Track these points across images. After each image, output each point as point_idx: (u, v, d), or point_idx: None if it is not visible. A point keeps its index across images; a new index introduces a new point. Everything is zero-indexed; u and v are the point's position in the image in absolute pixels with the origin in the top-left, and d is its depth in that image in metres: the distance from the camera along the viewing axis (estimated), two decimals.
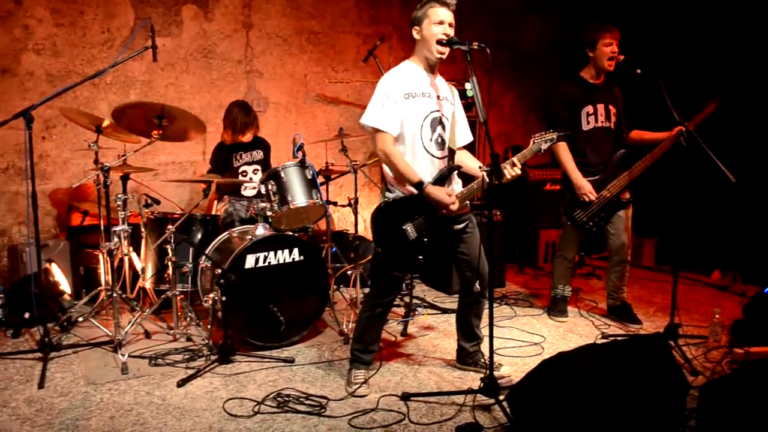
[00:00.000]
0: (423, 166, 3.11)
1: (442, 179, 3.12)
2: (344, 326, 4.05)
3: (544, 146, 3.16)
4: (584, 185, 4.05)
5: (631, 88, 4.23)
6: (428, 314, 4.55)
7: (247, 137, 4.70)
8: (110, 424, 2.93)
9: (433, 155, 3.14)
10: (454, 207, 3.05)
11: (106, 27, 5.05)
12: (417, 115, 3.09)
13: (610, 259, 4.35)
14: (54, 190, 4.99)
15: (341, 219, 5.71)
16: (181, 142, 4.99)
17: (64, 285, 4.52)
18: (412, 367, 3.61)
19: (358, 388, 3.24)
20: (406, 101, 3.06)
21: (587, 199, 4.05)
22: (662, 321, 4.30)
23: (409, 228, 3.08)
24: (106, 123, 3.96)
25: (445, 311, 4.60)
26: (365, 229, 5.50)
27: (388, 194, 3.17)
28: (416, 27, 3.09)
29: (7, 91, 4.76)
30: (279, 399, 3.14)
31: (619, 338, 4.02)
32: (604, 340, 3.99)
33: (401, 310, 4.41)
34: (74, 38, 4.96)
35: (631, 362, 2.75)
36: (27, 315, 4.11)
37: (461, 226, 3.22)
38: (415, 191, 3.06)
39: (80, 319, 4.22)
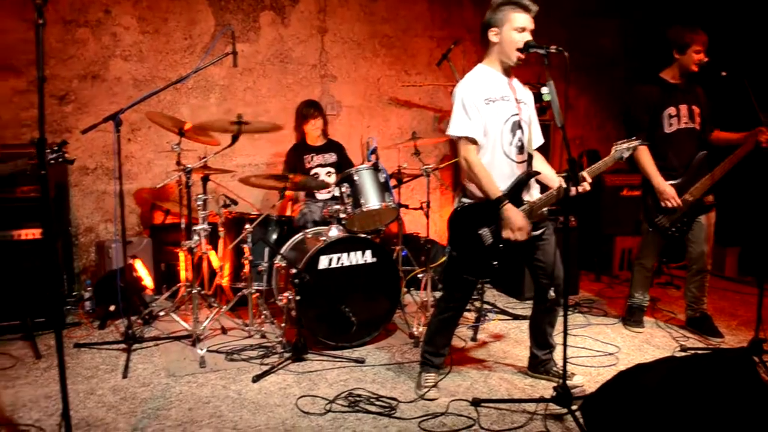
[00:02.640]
0: (503, 171, 3.08)
1: (520, 185, 3.08)
2: (414, 329, 4.07)
3: (626, 154, 3.09)
4: (667, 190, 3.92)
5: (709, 88, 4.10)
6: (499, 320, 4.51)
7: (309, 131, 4.79)
8: (189, 415, 3.05)
9: (512, 160, 3.10)
10: (522, 237, 3.00)
11: (188, 34, 5.25)
12: (497, 120, 3.06)
13: (689, 269, 4.20)
14: (138, 189, 5.22)
15: (412, 222, 5.72)
16: (258, 145, 5.14)
17: (147, 280, 4.72)
18: (482, 372, 3.59)
19: (428, 391, 3.25)
20: (486, 107, 3.03)
21: (670, 205, 3.92)
22: (745, 335, 4.12)
23: (485, 233, 3.06)
24: (188, 126, 4.11)
25: (516, 317, 4.55)
26: (436, 233, 5.51)
27: (464, 199, 3.16)
28: (494, 29, 3.02)
29: (96, 96, 5.02)
30: (350, 398, 3.19)
31: (699, 352, 3.88)
32: (683, 354, 3.84)
33: (472, 315, 4.39)
34: (158, 45, 5.18)
35: (712, 378, 2.64)
36: (112, 308, 4.31)
37: (538, 232, 3.16)
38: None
39: (161, 313, 4.41)
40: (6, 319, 4.05)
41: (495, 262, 3.08)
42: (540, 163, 3.25)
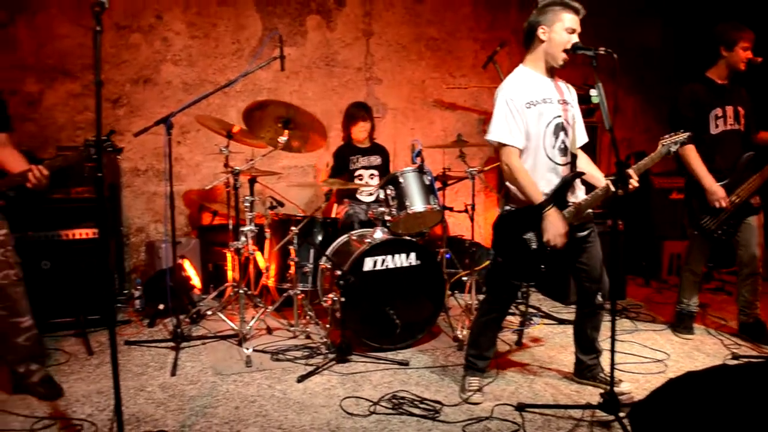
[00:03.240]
0: (546, 175, 3.05)
1: (565, 186, 3.04)
2: (458, 332, 4.05)
3: (674, 148, 3.03)
4: (717, 191, 3.82)
5: (753, 88, 3.99)
6: (544, 324, 4.46)
7: (361, 132, 4.82)
8: (235, 413, 3.10)
9: (556, 163, 3.06)
10: (560, 244, 2.96)
11: (236, 38, 5.34)
12: (540, 124, 3.02)
13: (739, 273, 4.08)
14: (187, 191, 5.33)
15: (456, 224, 5.71)
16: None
17: (195, 280, 4.82)
18: (527, 377, 3.56)
19: (473, 395, 3.23)
20: (528, 110, 3.00)
21: (719, 206, 3.82)
22: None
23: (530, 237, 3.03)
24: (236, 129, 4.18)
25: (561, 322, 4.49)
26: (480, 235, 5.48)
27: (508, 205, 3.13)
28: (543, 27, 2.97)
29: (148, 99, 5.15)
30: (394, 401, 3.20)
31: (752, 360, 3.76)
32: (736, 362, 3.74)
33: (516, 319, 4.35)
34: (207, 49, 5.28)
35: (766, 388, 2.57)
36: (161, 306, 4.41)
37: (584, 233, 3.13)
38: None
39: (208, 312, 4.50)
40: (60, 315, 4.16)
41: (542, 266, 3.04)
42: (585, 163, 3.19)
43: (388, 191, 3.98)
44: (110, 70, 5.00)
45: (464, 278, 4.47)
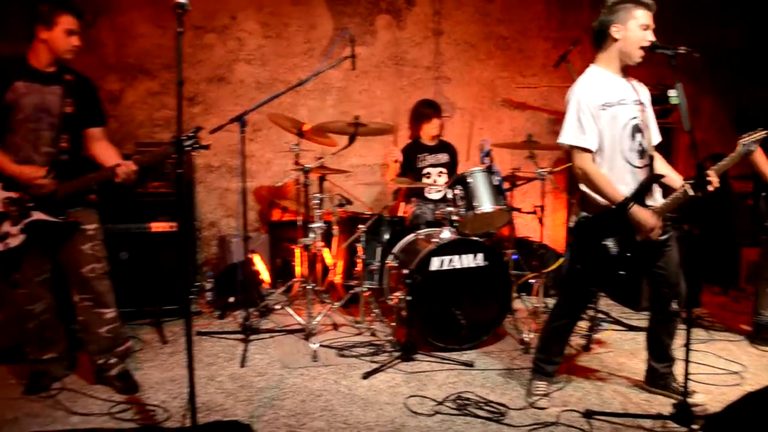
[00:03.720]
0: (623, 178, 2.96)
1: (644, 189, 2.95)
2: (525, 335, 4.00)
3: (753, 147, 2.91)
4: None
5: None
6: (613, 330, 4.35)
7: (427, 131, 4.82)
8: (302, 407, 3.15)
9: (633, 165, 2.98)
10: (656, 233, 2.89)
11: (308, 38, 5.43)
12: (616, 126, 2.94)
13: None
14: (257, 187, 5.46)
15: (523, 225, 5.63)
16: (371, 146, 5.24)
17: (264, 274, 4.93)
18: (595, 384, 3.48)
19: (539, 399, 3.19)
20: (603, 112, 2.92)
21: None
22: None
23: (610, 243, 2.93)
24: (306, 127, 4.25)
25: (631, 328, 4.37)
26: (548, 237, 5.40)
27: (584, 212, 3.05)
28: (617, 25, 2.89)
29: (222, 98, 5.30)
30: (459, 401, 3.18)
31: None
32: None
33: (585, 324, 4.26)
34: (279, 48, 5.39)
35: None
36: (232, 299, 4.54)
37: (664, 237, 3.04)
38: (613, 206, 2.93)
39: (276, 306, 4.59)
40: (136, 305, 4.31)
41: (622, 272, 2.96)
42: (661, 165, 3.10)
43: (456, 191, 3.97)
44: (187, 69, 5.16)
45: (531, 280, 4.42)
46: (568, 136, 2.96)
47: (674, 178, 3.04)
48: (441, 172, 4.85)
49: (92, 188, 3.23)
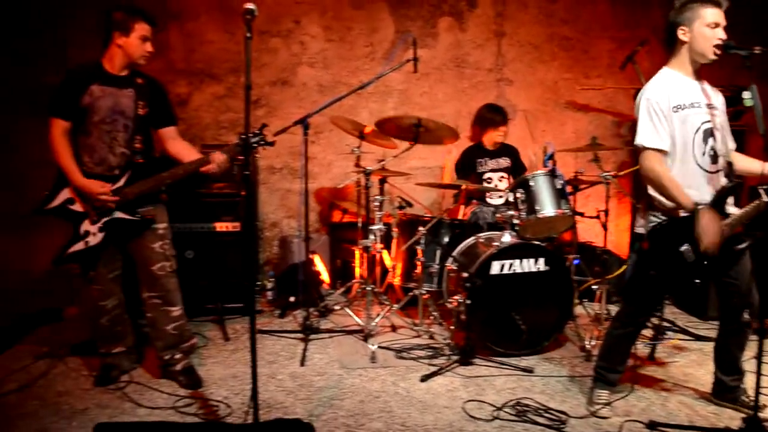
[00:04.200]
0: (695, 183, 2.87)
1: (725, 195, 2.85)
2: (587, 342, 3.92)
3: None
4: None
5: None
6: (679, 339, 4.22)
7: (491, 137, 4.78)
8: (360, 407, 3.17)
9: (705, 170, 2.89)
10: (712, 249, 2.76)
11: (370, 41, 5.46)
12: (687, 129, 2.86)
13: None
14: (318, 189, 5.53)
15: (585, 230, 5.52)
16: (431, 148, 5.21)
17: (324, 275, 4.99)
18: (659, 394, 3.38)
19: (601, 408, 3.12)
20: (675, 114, 2.85)
21: None
22: None
23: (686, 250, 2.83)
24: (368, 129, 4.28)
25: (698, 338, 4.22)
26: (611, 242, 5.26)
27: (655, 216, 2.96)
28: (683, 27, 2.84)
29: (285, 100, 5.39)
30: (518, 408, 3.15)
31: None
32: None
33: (649, 332, 4.14)
34: (342, 52, 5.44)
35: None
36: (292, 299, 4.61)
37: (743, 246, 2.92)
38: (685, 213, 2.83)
39: (336, 307, 4.64)
40: (200, 302, 4.44)
41: (698, 280, 2.87)
42: (744, 162, 3.03)
43: (518, 194, 3.93)
44: (251, 72, 5.21)
45: (594, 286, 4.33)
46: (643, 137, 2.89)
47: (757, 169, 2.96)
48: (502, 177, 4.81)
49: (171, 184, 3.33)
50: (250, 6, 2.58)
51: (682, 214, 2.84)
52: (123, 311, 3.48)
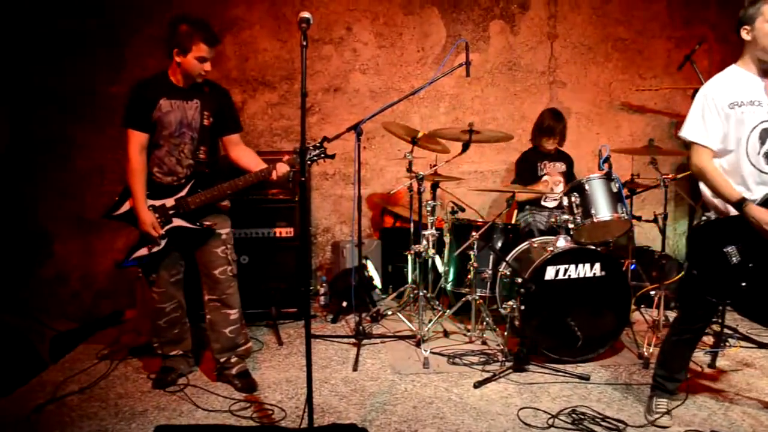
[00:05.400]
0: (749, 183, 2.79)
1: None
2: (644, 349, 3.83)
3: None
4: None
5: None
6: (741, 347, 4.07)
7: (551, 143, 4.73)
8: (413, 413, 3.17)
9: (761, 171, 2.79)
10: None
11: (421, 46, 5.47)
12: (744, 127, 2.78)
13: None
14: (370, 194, 5.56)
15: (641, 234, 5.40)
16: (483, 153, 5.21)
17: (376, 280, 5.01)
18: (721, 404, 3.27)
19: (660, 417, 3.04)
20: (731, 111, 2.78)
21: None
22: None
23: (731, 251, 2.78)
24: (420, 135, 4.28)
25: (761, 345, 4.08)
26: (669, 247, 5.14)
27: (707, 214, 2.91)
28: (746, 26, 2.77)
29: (337, 107, 5.44)
30: (574, 416, 3.09)
31: None
32: None
33: (710, 339, 4.02)
34: (393, 58, 5.47)
35: None
36: (345, 304, 4.64)
37: None
38: (735, 211, 2.76)
39: (388, 312, 4.65)
40: (254, 307, 4.49)
41: (743, 283, 2.78)
42: None
43: (573, 198, 3.86)
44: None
45: (651, 292, 4.22)
46: (689, 130, 2.87)
47: None
48: (558, 181, 4.74)
49: (235, 193, 3.42)
50: (306, 15, 2.61)
51: (732, 213, 2.77)
52: (182, 315, 3.57)
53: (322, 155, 3.18)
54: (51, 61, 5.01)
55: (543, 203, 4.72)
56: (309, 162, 3.24)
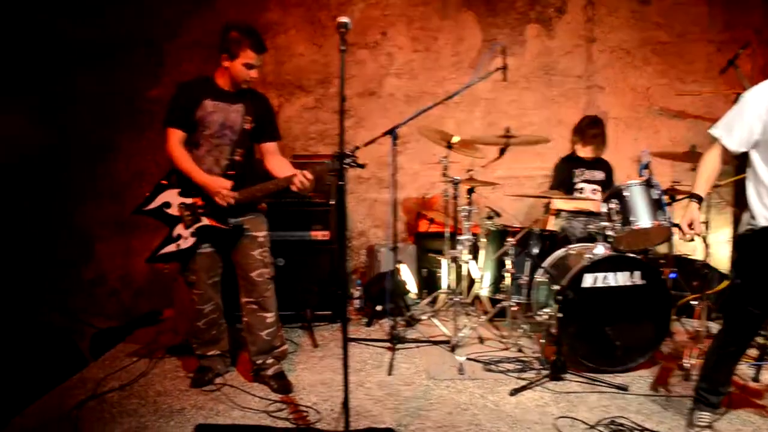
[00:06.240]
0: None
1: None
2: (685, 360, 3.75)
3: None
4: None
5: None
6: None
7: (588, 151, 4.67)
8: (448, 419, 3.15)
9: None
10: None
11: (456, 50, 5.46)
12: None
13: None
14: (405, 198, 5.55)
15: (682, 242, 5.28)
16: (518, 159, 5.16)
17: (411, 284, 5.00)
18: (766, 419, 3.19)
19: (702, 431, 2.97)
20: None
21: None
22: None
23: None
24: (455, 139, 4.26)
25: None
26: (711, 256, 5.02)
27: (752, 221, 2.85)
28: None
29: (372, 111, 5.46)
30: (612, 426, 3.04)
31: None
32: None
33: (754, 352, 3.91)
34: (428, 62, 5.46)
35: None
36: (379, 307, 4.64)
37: None
38: None
39: (423, 317, 4.63)
40: (290, 309, 4.50)
41: None
42: None
43: (612, 205, 3.81)
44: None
45: (693, 302, 4.14)
46: (718, 126, 2.89)
47: None
48: (595, 190, 4.68)
49: (263, 197, 3.45)
50: (345, 19, 2.63)
51: None
52: (220, 316, 3.61)
53: (353, 164, 3.18)
54: (93, 66, 5.12)
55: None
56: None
